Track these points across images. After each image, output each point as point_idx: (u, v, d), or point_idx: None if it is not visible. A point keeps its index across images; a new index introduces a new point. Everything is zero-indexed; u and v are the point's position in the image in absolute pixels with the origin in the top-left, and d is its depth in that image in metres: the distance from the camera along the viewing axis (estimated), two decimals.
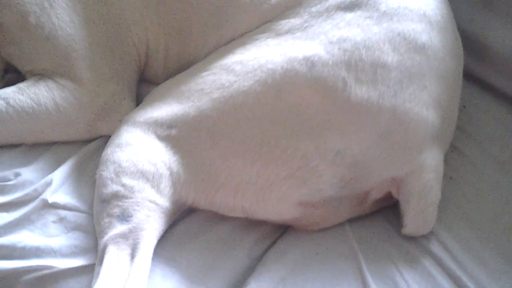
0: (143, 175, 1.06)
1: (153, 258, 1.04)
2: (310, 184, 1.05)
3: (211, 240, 1.10)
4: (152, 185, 1.05)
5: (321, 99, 1.04)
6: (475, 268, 1.05)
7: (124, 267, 0.98)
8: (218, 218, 1.13)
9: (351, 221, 1.14)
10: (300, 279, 1.04)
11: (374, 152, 1.05)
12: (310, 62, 1.04)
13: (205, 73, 1.13)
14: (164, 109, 1.12)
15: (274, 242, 1.13)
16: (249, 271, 1.07)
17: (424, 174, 1.07)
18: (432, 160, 1.08)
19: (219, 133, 1.07)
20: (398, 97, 1.04)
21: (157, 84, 1.26)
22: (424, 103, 1.06)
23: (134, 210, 1.03)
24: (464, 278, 1.03)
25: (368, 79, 1.04)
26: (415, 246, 1.09)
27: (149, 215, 1.03)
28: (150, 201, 1.04)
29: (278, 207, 1.08)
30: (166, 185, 1.07)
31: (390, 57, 1.05)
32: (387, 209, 1.16)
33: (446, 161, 1.19)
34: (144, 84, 1.35)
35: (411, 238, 1.10)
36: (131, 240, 1.01)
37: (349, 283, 1.03)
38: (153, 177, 1.06)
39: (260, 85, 1.06)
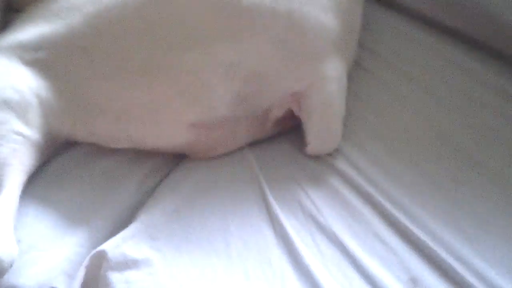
0: (6, 104, 0.91)
1: (24, 198, 0.90)
2: (202, 101, 0.94)
3: (94, 176, 0.97)
4: (17, 115, 0.90)
5: (207, 6, 0.93)
6: (385, 183, 0.97)
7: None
8: (101, 151, 1.00)
9: (251, 145, 1.04)
10: (197, 210, 0.93)
11: (271, 63, 0.95)
12: None
13: None
14: (30, 31, 0.98)
15: (167, 175, 1.01)
16: (139, 206, 0.95)
17: (326, 86, 0.98)
18: (334, 70, 0.99)
19: (94, 52, 0.95)
20: (294, 0, 0.94)
21: None
22: (322, 7, 0.97)
23: None
24: (375, 194, 0.95)
25: None
26: (320, 165, 1.00)
27: (15, 148, 0.88)
28: (16, 133, 0.89)
29: (168, 131, 0.96)
30: (34, 114, 0.92)
31: None
32: (290, 131, 1.06)
33: (351, 78, 1.11)
34: (13, 15, 1.18)
35: (316, 158, 1.01)
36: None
37: (251, 209, 0.93)
38: (18, 106, 0.91)
39: None
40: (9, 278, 0.81)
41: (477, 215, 0.92)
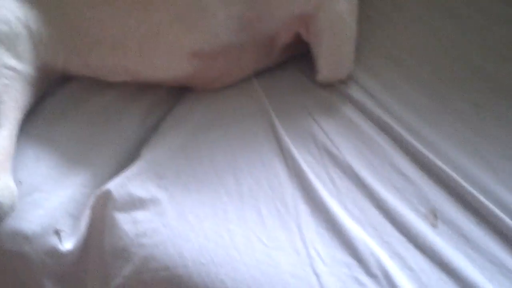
0: None
1: (23, 139, 0.85)
2: (202, 27, 0.88)
3: (93, 112, 0.92)
4: (7, 48, 0.85)
5: None
6: (402, 110, 0.92)
7: None
8: (100, 86, 0.94)
9: (258, 74, 0.98)
10: (204, 145, 0.88)
11: None
12: None
13: None
14: None
15: (171, 109, 0.95)
16: (143, 142, 0.90)
17: (334, 5, 0.91)
18: None
19: None
20: None
21: None
22: None
23: None
24: (392, 122, 0.90)
25: None
26: (333, 93, 0.95)
27: (7, 84, 0.83)
28: (7, 67, 0.84)
29: (168, 61, 0.90)
30: (25, 47, 0.86)
31: None
32: (300, 58, 0.99)
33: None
34: None
35: (328, 86, 0.95)
36: None
37: (262, 143, 0.88)
38: (7, 38, 0.85)
39: None
40: (11, 222, 0.77)
41: (500, 141, 0.87)
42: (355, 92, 0.94)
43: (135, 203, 0.80)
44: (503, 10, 1.06)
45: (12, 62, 0.84)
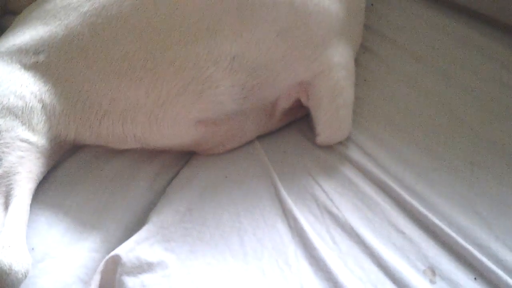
0: (10, 111, 0.89)
1: (36, 206, 0.89)
2: (208, 96, 0.92)
3: (103, 178, 0.96)
4: (22, 121, 0.89)
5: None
6: (399, 169, 0.96)
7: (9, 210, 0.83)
8: (109, 153, 0.99)
9: (261, 137, 1.02)
10: (209, 208, 0.91)
11: (276, 53, 0.94)
12: None
13: None
14: (28, 34, 0.96)
15: (178, 172, 0.99)
16: (151, 207, 0.94)
17: (333, 73, 0.96)
18: (340, 57, 0.97)
19: (94, 52, 0.93)
20: None
21: None
22: None
23: (3, 152, 0.87)
24: (389, 181, 0.93)
25: None
26: (332, 154, 0.99)
27: (22, 156, 0.87)
28: (22, 140, 0.88)
29: (174, 129, 0.94)
30: (39, 120, 0.91)
31: None
32: (300, 121, 1.04)
33: (359, 62, 1.09)
34: (10, 18, 1.16)
35: (327, 147, 0.99)
36: (3, 187, 0.85)
37: (264, 205, 0.92)
38: (22, 112, 0.90)
39: None
40: None
41: (494, 198, 0.91)
42: (354, 153, 0.98)
43: (143, 267, 0.83)
44: (495, 70, 1.10)
45: (27, 135, 0.89)
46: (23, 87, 0.91)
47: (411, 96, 1.07)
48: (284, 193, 0.92)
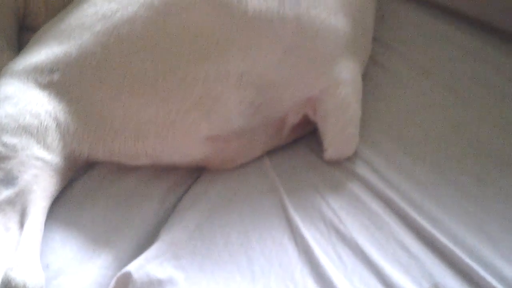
0: (25, 130, 0.92)
1: (50, 223, 0.91)
2: (216, 113, 0.94)
3: (116, 195, 0.98)
4: (37, 140, 0.92)
5: (215, 17, 0.93)
6: (406, 186, 0.96)
7: (13, 236, 0.85)
8: (122, 170, 1.01)
9: (269, 153, 1.04)
10: (218, 225, 0.93)
11: (283, 69, 0.95)
12: None
13: (85, 6, 1.00)
14: (43, 53, 0.98)
15: (188, 189, 1.01)
16: (162, 223, 0.96)
17: (340, 89, 0.97)
18: (347, 73, 0.98)
19: (106, 71, 0.95)
20: (301, 5, 0.94)
21: None
22: (331, 9, 0.96)
23: (19, 171, 0.89)
24: (396, 198, 0.94)
25: None
26: (340, 170, 1.00)
27: (37, 174, 0.90)
28: (37, 159, 0.91)
29: (184, 146, 0.97)
30: (53, 138, 0.93)
31: None
32: (309, 136, 1.05)
33: (367, 76, 1.09)
34: (27, 33, 1.19)
35: (335, 163, 1.01)
36: (19, 206, 0.88)
37: (272, 222, 0.93)
38: (37, 131, 0.92)
39: (146, 10, 0.94)
40: None
41: (502, 217, 0.91)
42: (361, 169, 0.99)
43: (154, 284, 0.85)
44: (507, 85, 1.10)
45: (42, 153, 0.91)
46: (38, 105, 0.94)
47: (418, 111, 1.07)
48: (291, 210, 0.94)
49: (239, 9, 0.92)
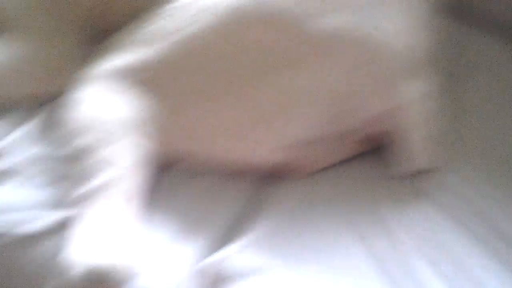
0: (118, 123, 1.00)
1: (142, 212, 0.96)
2: (286, 126, 1.00)
3: (202, 187, 1.03)
4: (129, 133, 0.99)
5: (283, 34, 0.98)
6: (485, 207, 0.97)
7: (116, 215, 0.92)
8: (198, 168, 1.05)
9: (340, 164, 1.07)
10: (291, 233, 0.98)
11: (353, 85, 0.99)
12: None
13: (163, 16, 1.06)
14: (125, 56, 1.04)
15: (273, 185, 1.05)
16: (250, 216, 1.00)
17: (411, 107, 1.01)
18: (416, 92, 1.02)
19: (183, 78, 1.01)
20: (371, 24, 0.98)
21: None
22: (398, 28, 1.00)
23: (118, 157, 0.97)
24: (468, 216, 0.96)
25: (330, 9, 0.97)
26: (408, 187, 1.01)
27: (132, 163, 0.97)
28: (131, 149, 0.98)
29: (256, 155, 1.02)
30: (141, 133, 1.00)
31: None
32: (375, 151, 1.08)
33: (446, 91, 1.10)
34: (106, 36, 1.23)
35: (402, 179, 1.02)
36: (119, 188, 0.94)
37: (340, 235, 0.96)
38: (128, 125, 1.00)
39: (221, 24, 0.99)
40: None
41: None
42: (433, 187, 1.01)
43: (242, 273, 0.89)
44: None
45: (135, 145, 0.98)
46: (125, 104, 1.01)
47: (501, 129, 1.09)
48: (361, 225, 0.97)
49: (311, 28, 0.97)
